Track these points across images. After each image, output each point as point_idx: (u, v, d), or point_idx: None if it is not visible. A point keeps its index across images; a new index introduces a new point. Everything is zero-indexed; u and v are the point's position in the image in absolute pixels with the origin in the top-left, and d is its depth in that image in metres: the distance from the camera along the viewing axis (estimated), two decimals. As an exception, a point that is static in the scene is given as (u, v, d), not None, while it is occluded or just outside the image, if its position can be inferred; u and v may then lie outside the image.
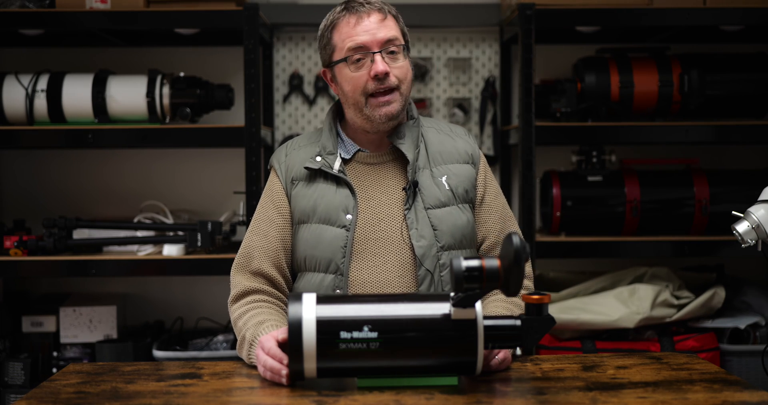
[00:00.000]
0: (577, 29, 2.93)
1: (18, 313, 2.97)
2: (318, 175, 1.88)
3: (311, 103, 3.21)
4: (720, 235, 2.77)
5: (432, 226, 1.82)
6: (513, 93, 3.19)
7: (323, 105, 3.20)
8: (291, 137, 2.82)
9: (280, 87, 3.21)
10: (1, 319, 2.91)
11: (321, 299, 1.49)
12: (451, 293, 1.48)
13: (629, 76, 2.83)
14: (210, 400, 1.46)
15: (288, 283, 1.88)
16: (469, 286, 1.41)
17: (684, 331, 2.75)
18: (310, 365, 1.45)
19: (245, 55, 2.68)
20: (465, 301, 1.45)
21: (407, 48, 1.87)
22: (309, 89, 3.21)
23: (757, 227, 1.93)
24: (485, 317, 1.50)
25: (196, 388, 1.53)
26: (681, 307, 2.71)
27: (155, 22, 2.71)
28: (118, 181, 3.17)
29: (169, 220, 2.90)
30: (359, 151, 1.91)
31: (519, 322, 1.51)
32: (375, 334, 1.45)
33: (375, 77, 1.80)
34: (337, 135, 1.92)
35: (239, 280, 1.86)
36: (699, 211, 2.79)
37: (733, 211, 2.00)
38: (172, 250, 2.72)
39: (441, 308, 1.48)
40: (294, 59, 3.21)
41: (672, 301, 2.70)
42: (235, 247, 2.03)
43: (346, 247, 1.81)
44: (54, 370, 2.86)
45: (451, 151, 1.91)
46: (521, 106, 2.75)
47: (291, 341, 1.45)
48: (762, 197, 1.98)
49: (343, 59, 1.83)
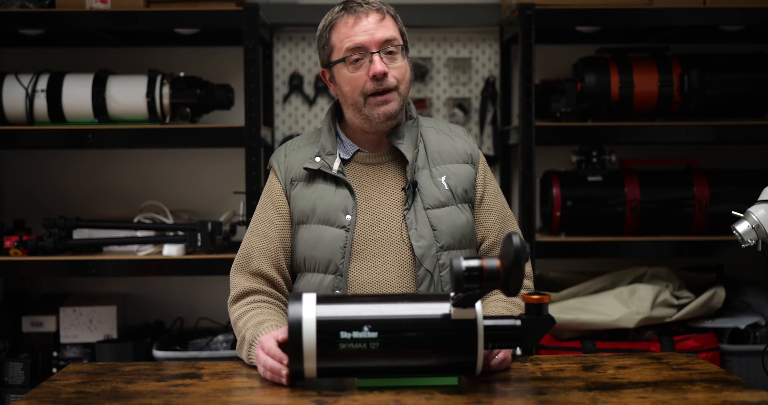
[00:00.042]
0: (577, 29, 2.93)
1: (18, 313, 2.97)
2: (317, 176, 1.88)
3: (311, 103, 3.21)
4: (720, 235, 2.77)
5: (431, 226, 1.82)
6: (513, 93, 3.19)
7: (323, 105, 3.20)
8: (291, 137, 2.82)
9: (280, 87, 3.21)
10: (1, 319, 2.91)
11: (321, 299, 1.49)
12: (451, 293, 1.48)
13: (629, 76, 2.83)
14: (210, 400, 1.46)
15: (288, 283, 1.88)
16: (469, 286, 1.41)
17: (684, 331, 2.75)
18: (310, 365, 1.45)
19: (245, 55, 2.68)
20: (465, 301, 1.45)
21: (406, 48, 1.87)
22: (309, 89, 3.21)
23: (757, 227, 1.94)
24: (485, 317, 1.50)
25: (196, 388, 1.53)
26: (681, 307, 2.71)
27: (155, 22, 2.71)
28: (118, 181, 3.17)
29: (169, 220, 2.90)
30: (358, 151, 1.91)
31: (519, 322, 1.51)
32: (375, 334, 1.45)
33: (373, 77, 1.80)
34: (337, 135, 1.92)
35: (239, 281, 1.86)
36: (699, 211, 2.79)
37: (733, 211, 2.00)
38: (172, 250, 2.72)
39: (441, 308, 1.48)
40: (294, 59, 3.21)
41: (672, 301, 2.70)
42: (235, 247, 2.03)
43: (345, 247, 1.81)
44: (54, 370, 2.86)
45: (450, 151, 1.91)
46: (521, 106, 2.75)
47: (291, 341, 1.45)
48: (762, 197, 1.98)
49: (342, 59, 1.83)
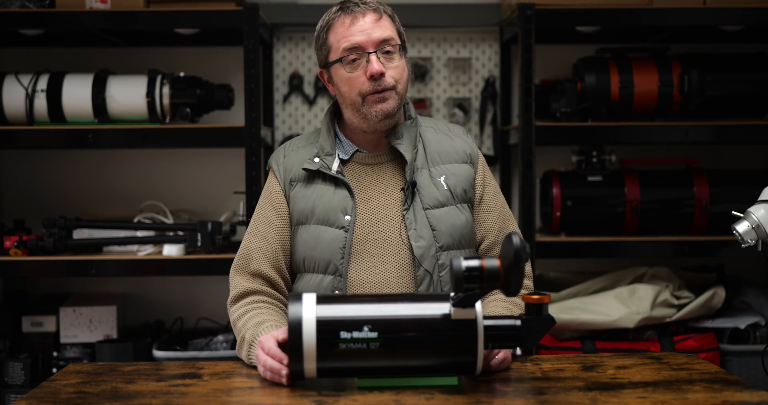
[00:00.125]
0: (577, 29, 2.93)
1: (18, 313, 2.97)
2: (316, 176, 1.87)
3: (311, 103, 3.21)
4: (720, 235, 2.77)
5: (431, 227, 1.82)
6: (513, 93, 3.19)
7: (323, 105, 3.20)
8: (291, 137, 2.82)
9: (280, 87, 3.21)
10: (1, 319, 2.91)
11: (321, 299, 1.49)
12: (451, 293, 1.48)
13: (629, 76, 2.83)
14: (210, 400, 1.46)
15: (287, 284, 1.88)
16: (469, 286, 1.41)
17: (684, 331, 2.75)
18: (310, 365, 1.45)
19: (245, 55, 2.68)
20: (465, 301, 1.45)
21: (404, 48, 1.87)
22: (309, 89, 3.21)
23: (757, 227, 1.94)
24: (485, 317, 1.49)
25: (196, 388, 1.53)
26: (681, 307, 2.71)
27: (155, 22, 2.71)
28: (118, 181, 3.17)
29: (169, 220, 2.90)
30: (357, 151, 1.91)
31: (519, 322, 1.51)
32: (375, 334, 1.45)
33: (371, 77, 1.79)
34: (335, 136, 1.92)
35: (238, 281, 1.86)
36: (699, 211, 2.79)
37: (733, 211, 2.00)
38: (172, 250, 2.72)
39: (441, 308, 1.48)
40: (294, 59, 3.21)
41: (672, 301, 2.70)
42: (235, 247, 2.03)
43: (344, 248, 1.81)
44: (54, 370, 2.86)
45: (450, 151, 1.91)
46: (521, 106, 2.75)
47: (291, 341, 1.45)
48: (762, 197, 1.98)
49: (339, 60, 1.83)
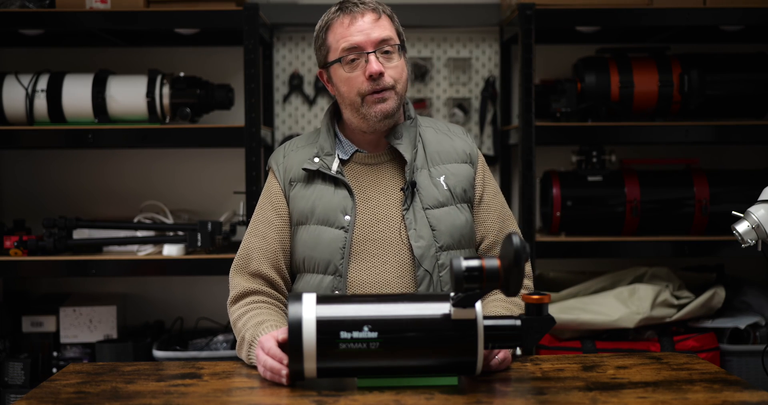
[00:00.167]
0: (577, 29, 2.93)
1: (18, 313, 2.97)
2: (316, 176, 1.87)
3: (311, 103, 3.21)
4: (720, 235, 2.77)
5: (430, 227, 1.82)
6: (513, 93, 3.19)
7: (323, 105, 3.20)
8: (291, 137, 2.82)
9: (280, 87, 3.21)
10: (1, 319, 2.91)
11: (321, 299, 1.49)
12: (451, 293, 1.48)
13: (629, 76, 2.83)
14: (210, 400, 1.46)
15: (287, 284, 1.88)
16: (469, 286, 1.41)
17: (684, 331, 2.75)
18: (310, 365, 1.45)
19: (245, 55, 2.68)
20: (465, 301, 1.45)
21: (403, 47, 1.87)
22: (309, 89, 3.21)
23: (757, 227, 1.94)
24: (485, 317, 1.49)
25: (196, 388, 1.53)
26: (681, 307, 2.71)
27: (155, 22, 2.71)
28: (118, 181, 3.17)
29: (169, 220, 2.90)
30: (357, 151, 1.91)
31: (519, 322, 1.51)
32: (375, 334, 1.45)
33: (370, 77, 1.79)
34: (335, 136, 1.92)
35: (238, 282, 1.86)
36: (699, 211, 2.79)
37: (733, 211, 2.00)
38: (172, 250, 2.72)
39: (441, 308, 1.48)
40: (294, 59, 3.21)
41: (672, 301, 2.70)
42: (235, 247, 2.03)
43: (344, 248, 1.81)
44: (54, 370, 2.86)
45: (449, 151, 1.91)
46: (521, 106, 2.75)
47: (291, 341, 1.45)
48: (762, 197, 1.98)
49: (338, 60, 1.83)
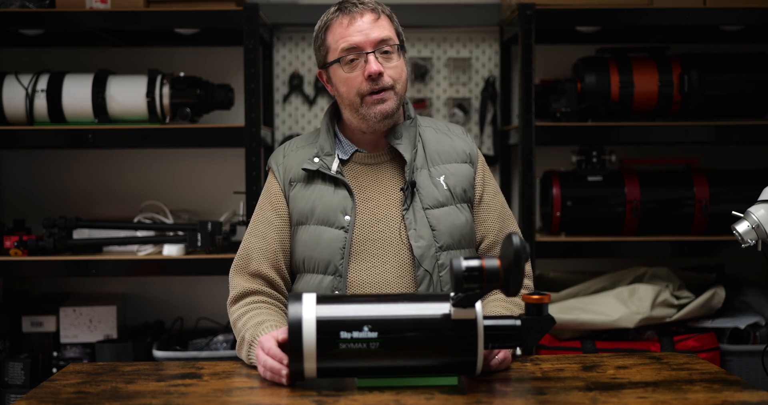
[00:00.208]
0: (577, 29, 2.93)
1: (18, 313, 2.97)
2: (316, 177, 1.87)
3: (311, 103, 3.21)
4: (720, 235, 2.77)
5: (430, 227, 1.82)
6: (513, 93, 3.19)
7: (323, 105, 3.20)
8: (291, 137, 2.82)
9: (280, 87, 3.21)
10: (1, 319, 2.91)
11: (321, 299, 1.49)
12: (451, 293, 1.48)
13: (629, 76, 2.83)
14: (210, 400, 1.46)
15: (287, 284, 1.88)
16: (469, 286, 1.41)
17: (684, 331, 2.75)
18: (310, 365, 1.45)
19: (245, 55, 2.68)
20: (465, 301, 1.44)
21: (402, 47, 1.87)
22: (309, 89, 3.21)
23: (757, 227, 1.94)
24: (485, 317, 1.49)
25: (196, 388, 1.53)
26: (681, 307, 2.71)
27: (155, 22, 2.71)
28: (118, 181, 3.17)
29: (169, 220, 2.90)
30: (357, 151, 1.91)
31: (519, 322, 1.51)
32: (375, 334, 1.45)
33: (369, 77, 1.79)
34: (335, 136, 1.92)
35: (238, 282, 1.86)
36: (699, 211, 2.79)
37: (733, 211, 2.00)
38: (172, 250, 2.72)
39: (441, 308, 1.48)
40: (294, 59, 3.21)
41: (672, 301, 2.70)
42: (235, 247, 2.03)
43: (344, 248, 1.80)
44: (54, 370, 2.86)
45: (449, 151, 1.91)
46: (521, 106, 2.75)
47: (291, 341, 1.45)
48: (762, 197, 1.98)
49: (337, 60, 1.83)
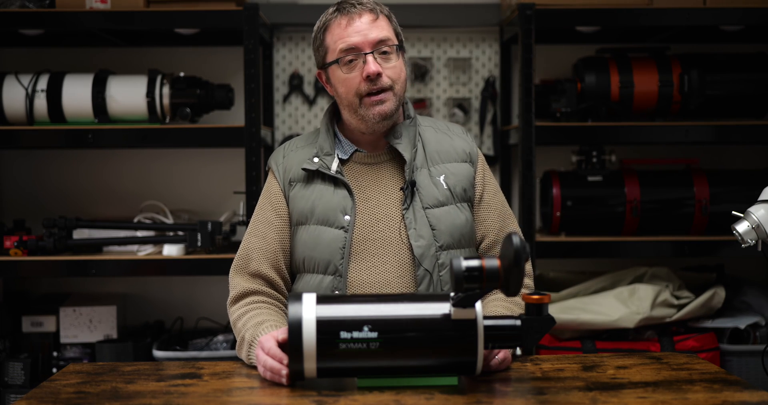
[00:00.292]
0: (577, 29, 2.93)
1: (18, 313, 2.97)
2: (316, 176, 1.87)
3: (311, 103, 3.21)
4: (720, 235, 2.77)
5: (430, 226, 1.82)
6: (513, 93, 3.19)
7: (323, 105, 3.20)
8: (291, 137, 2.82)
9: (280, 87, 3.21)
10: (1, 319, 2.91)
11: (321, 299, 1.49)
12: (451, 293, 1.48)
13: (629, 76, 2.83)
14: (210, 400, 1.46)
15: (287, 284, 1.88)
16: (469, 286, 1.41)
17: (684, 331, 2.75)
18: (310, 365, 1.45)
19: (245, 55, 2.68)
20: (465, 301, 1.45)
21: (401, 48, 1.87)
22: (309, 89, 3.21)
23: (757, 227, 1.93)
24: (485, 317, 1.49)
25: (196, 388, 1.53)
26: (681, 307, 2.71)
27: (155, 22, 2.71)
28: (118, 181, 3.17)
29: (169, 220, 2.90)
30: (356, 151, 1.91)
31: (519, 322, 1.51)
32: (375, 334, 1.45)
33: (367, 78, 1.79)
34: (335, 136, 1.92)
35: (238, 282, 1.86)
36: (699, 211, 2.79)
37: (733, 211, 2.00)
38: (172, 250, 2.72)
39: (441, 308, 1.48)
40: (294, 59, 3.21)
41: (672, 301, 2.70)
42: (235, 247, 2.03)
43: (344, 248, 1.80)
44: (54, 370, 2.86)
45: (449, 150, 1.91)
46: (521, 106, 2.75)
47: (291, 341, 1.45)
48: (762, 197, 1.98)
49: (336, 61, 1.83)
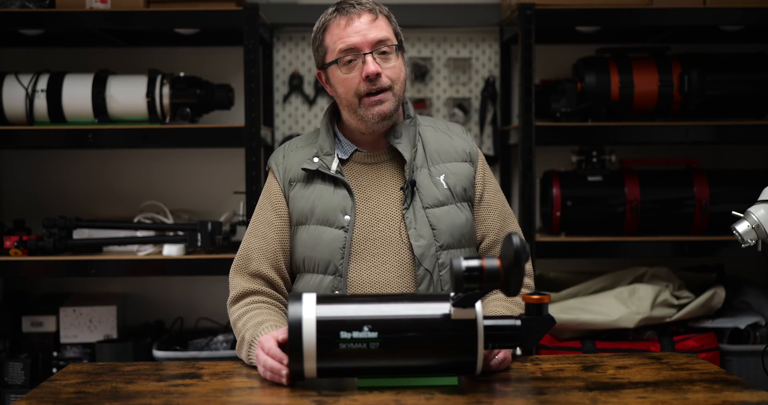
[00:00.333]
0: (577, 29, 2.93)
1: (18, 313, 2.97)
2: (316, 176, 1.87)
3: (311, 103, 3.21)
4: (720, 235, 2.77)
5: (431, 226, 1.82)
6: (513, 93, 3.19)
7: (323, 105, 3.20)
8: (291, 137, 2.82)
9: (280, 87, 3.21)
10: (1, 319, 2.91)
11: (321, 299, 1.49)
12: (451, 293, 1.48)
13: (629, 76, 2.83)
14: (210, 400, 1.46)
15: (287, 284, 1.88)
16: (469, 286, 1.41)
17: (684, 331, 2.75)
18: (310, 365, 1.45)
19: (245, 55, 2.68)
20: (465, 301, 1.45)
21: (401, 48, 1.87)
22: (309, 89, 3.21)
23: (757, 227, 1.93)
24: (485, 317, 1.49)
25: (196, 388, 1.53)
26: (681, 307, 2.71)
27: (155, 22, 2.71)
28: (118, 181, 3.17)
29: (169, 220, 2.90)
30: (356, 151, 1.91)
31: (519, 322, 1.51)
32: (375, 334, 1.45)
33: (366, 78, 1.79)
34: (335, 135, 1.92)
35: (238, 282, 1.86)
36: (699, 211, 2.79)
37: (733, 211, 2.00)
38: (172, 250, 2.72)
39: (441, 308, 1.48)
40: (294, 59, 3.21)
41: (672, 301, 2.70)
42: (235, 247, 2.03)
43: (344, 248, 1.80)
44: (54, 370, 2.86)
45: (449, 150, 1.91)
46: (521, 106, 2.75)
47: (291, 341, 1.45)
48: (762, 197, 1.98)
49: (335, 61, 1.83)
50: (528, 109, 2.73)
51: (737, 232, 1.96)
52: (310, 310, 1.46)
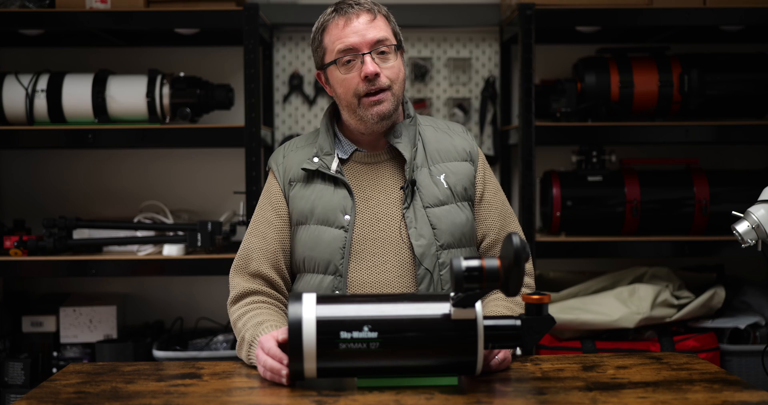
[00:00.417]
0: (577, 29, 2.93)
1: (18, 313, 2.97)
2: (316, 176, 1.87)
3: (311, 103, 3.21)
4: (720, 235, 2.78)
5: (431, 225, 1.82)
6: (513, 93, 3.19)
7: (323, 105, 3.20)
8: (291, 137, 2.82)
9: (280, 87, 3.21)
10: (1, 319, 2.91)
11: (321, 299, 1.49)
12: (451, 293, 1.48)
13: (629, 76, 2.83)
14: (210, 400, 1.46)
15: (287, 284, 1.88)
16: (469, 286, 1.41)
17: (684, 331, 2.75)
18: (310, 365, 1.45)
19: (245, 55, 2.68)
20: (465, 301, 1.44)
21: (400, 48, 1.87)
22: (309, 89, 3.21)
23: (757, 227, 1.93)
24: (485, 317, 1.49)
25: (196, 388, 1.53)
26: (681, 307, 2.71)
27: (155, 22, 2.71)
28: (118, 181, 3.17)
29: (169, 220, 2.90)
30: (356, 151, 1.91)
31: (519, 322, 1.51)
32: (375, 334, 1.45)
33: (365, 78, 1.79)
34: (335, 135, 1.92)
35: (238, 282, 1.86)
36: (699, 211, 2.79)
37: (733, 211, 2.00)
38: (172, 250, 2.72)
39: (441, 308, 1.48)
40: (294, 59, 3.21)
41: (672, 301, 2.70)
42: (235, 247, 2.03)
43: (344, 248, 1.80)
44: (54, 370, 2.86)
45: (449, 149, 1.91)
46: (521, 106, 2.75)
47: (291, 341, 1.45)
48: (762, 197, 1.98)
49: (334, 61, 1.83)
50: (528, 109, 2.73)
51: (737, 232, 1.96)
52: (310, 310, 1.46)
